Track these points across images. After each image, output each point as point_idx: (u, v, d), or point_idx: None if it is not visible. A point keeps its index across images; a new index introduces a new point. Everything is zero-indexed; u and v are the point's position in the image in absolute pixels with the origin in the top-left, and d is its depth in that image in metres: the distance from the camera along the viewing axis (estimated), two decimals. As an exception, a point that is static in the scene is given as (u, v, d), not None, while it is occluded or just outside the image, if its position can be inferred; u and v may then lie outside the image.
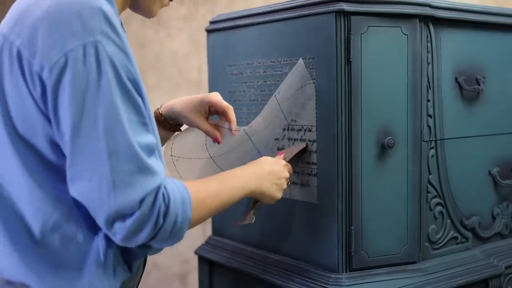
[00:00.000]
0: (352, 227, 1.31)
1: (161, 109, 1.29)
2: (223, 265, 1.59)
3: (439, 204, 1.44)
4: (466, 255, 1.49)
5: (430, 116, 1.40)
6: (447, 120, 1.44)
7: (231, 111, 1.23)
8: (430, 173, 1.41)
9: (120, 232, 0.91)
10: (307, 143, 1.36)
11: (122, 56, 0.91)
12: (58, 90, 0.89)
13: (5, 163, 0.96)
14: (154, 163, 0.92)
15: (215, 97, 1.24)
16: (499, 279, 1.49)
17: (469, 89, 1.47)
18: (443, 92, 1.43)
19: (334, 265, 1.32)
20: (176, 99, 1.28)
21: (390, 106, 1.33)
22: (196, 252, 1.70)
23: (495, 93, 1.54)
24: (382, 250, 1.34)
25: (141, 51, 2.54)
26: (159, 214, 0.92)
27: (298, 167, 1.38)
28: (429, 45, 1.38)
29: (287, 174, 1.26)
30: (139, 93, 0.94)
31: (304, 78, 1.32)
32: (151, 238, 0.94)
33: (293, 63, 1.37)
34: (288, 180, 1.28)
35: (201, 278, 1.70)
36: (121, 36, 0.92)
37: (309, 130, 1.35)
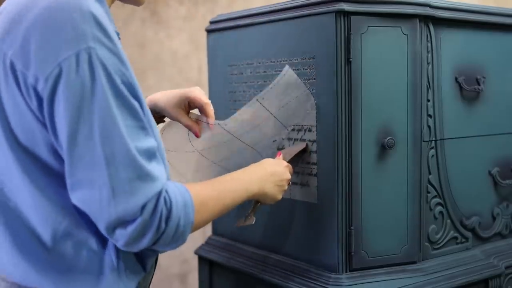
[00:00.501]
0: (352, 227, 1.31)
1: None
2: (223, 265, 1.59)
3: (439, 204, 1.44)
4: (466, 255, 1.49)
5: (430, 116, 1.40)
6: (447, 120, 1.44)
7: (209, 107, 1.24)
8: (430, 173, 1.41)
9: (121, 239, 0.90)
10: (307, 143, 1.36)
11: (115, 60, 0.89)
12: (54, 100, 0.88)
13: (9, 174, 0.95)
14: (154, 168, 0.91)
15: (194, 93, 1.25)
16: (499, 279, 1.49)
17: (469, 89, 1.47)
18: (443, 92, 1.43)
19: (334, 265, 1.32)
20: (160, 92, 1.29)
21: (390, 106, 1.33)
22: (196, 252, 1.70)
23: (495, 93, 1.54)
24: (382, 250, 1.34)
25: (141, 51, 2.53)
26: (161, 219, 0.91)
27: (298, 167, 1.38)
28: (429, 45, 1.38)
29: (289, 176, 1.26)
30: (135, 96, 0.92)
31: (296, 86, 1.31)
32: (153, 243, 0.93)
33: (293, 63, 1.37)
34: (289, 181, 1.28)
35: (201, 278, 1.70)
36: (113, 40, 0.90)
37: (309, 130, 1.35)
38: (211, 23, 1.64)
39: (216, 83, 1.63)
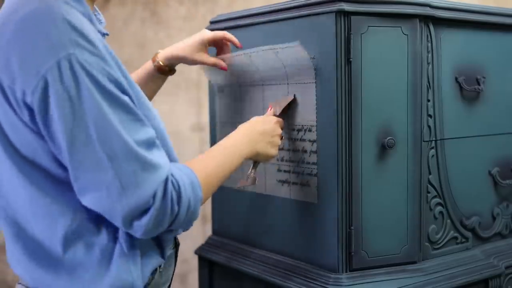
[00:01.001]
0: (352, 227, 1.31)
1: (162, 61, 1.37)
2: (223, 265, 1.59)
3: (439, 204, 1.44)
4: (466, 255, 1.49)
5: (430, 116, 1.40)
6: (447, 120, 1.44)
7: (228, 34, 1.40)
8: (430, 173, 1.41)
9: (139, 230, 0.93)
10: (294, 94, 1.37)
11: (97, 60, 0.90)
12: (46, 111, 0.89)
13: (14, 187, 0.97)
14: (156, 156, 0.94)
15: (208, 32, 1.39)
16: (499, 279, 1.49)
17: (469, 89, 1.47)
18: (443, 92, 1.43)
19: (334, 265, 1.32)
20: (171, 47, 1.39)
21: (390, 106, 1.33)
22: (196, 252, 1.70)
23: (495, 93, 1.54)
24: (382, 250, 1.34)
25: (141, 51, 2.53)
26: (172, 202, 0.94)
27: (298, 167, 1.38)
28: (429, 45, 1.38)
29: (279, 131, 1.29)
30: (124, 91, 0.93)
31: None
32: (169, 225, 0.96)
33: (293, 63, 1.36)
34: (281, 135, 1.31)
35: (201, 278, 1.70)
36: (91, 41, 0.90)
37: (309, 130, 1.35)
38: (211, 23, 1.64)
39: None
